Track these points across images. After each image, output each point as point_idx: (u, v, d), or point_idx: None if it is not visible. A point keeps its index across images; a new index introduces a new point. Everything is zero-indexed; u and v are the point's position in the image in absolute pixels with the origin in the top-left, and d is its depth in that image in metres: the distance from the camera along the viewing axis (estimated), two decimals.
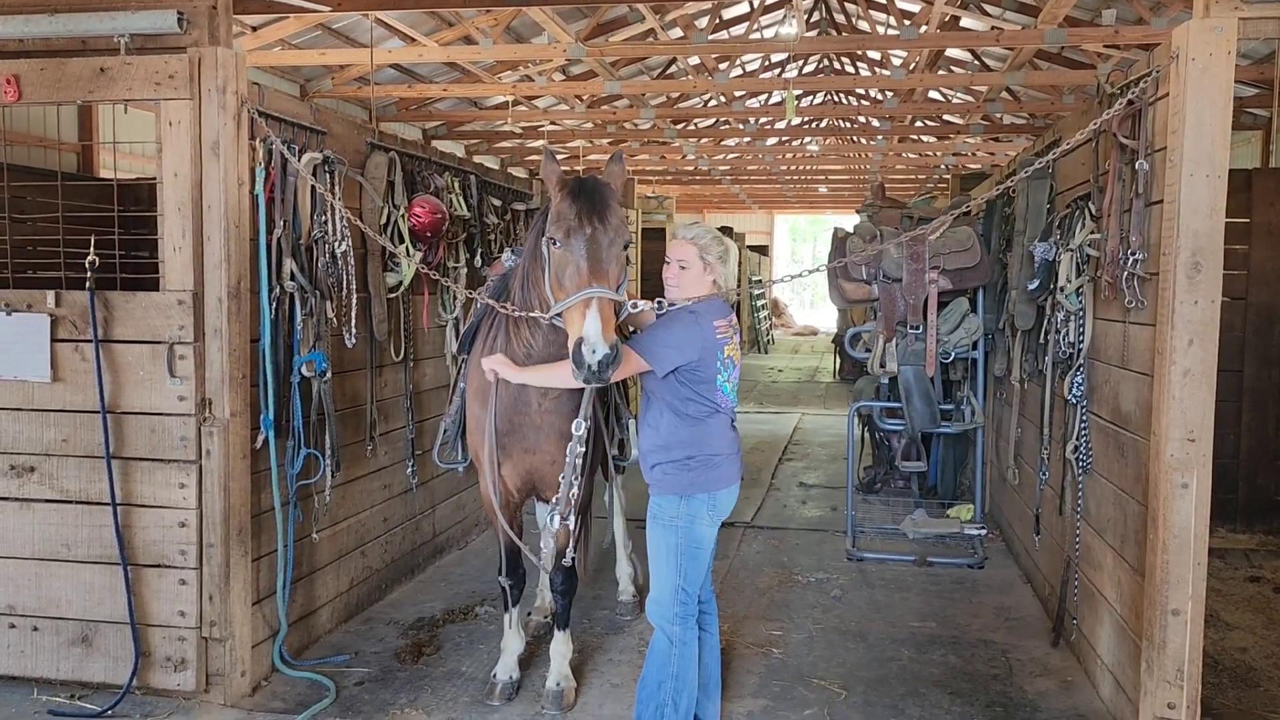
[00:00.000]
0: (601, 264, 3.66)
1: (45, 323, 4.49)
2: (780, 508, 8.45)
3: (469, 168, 6.81)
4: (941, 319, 6.74)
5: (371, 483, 5.81)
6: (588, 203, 3.73)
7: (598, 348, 3.50)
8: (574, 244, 3.68)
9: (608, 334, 3.52)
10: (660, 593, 3.92)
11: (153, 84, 4.35)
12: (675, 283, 3.95)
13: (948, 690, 4.75)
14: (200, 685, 4.47)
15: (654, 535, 3.95)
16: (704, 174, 21.35)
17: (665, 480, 3.92)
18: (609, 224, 3.73)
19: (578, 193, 3.76)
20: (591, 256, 3.66)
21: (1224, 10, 3.72)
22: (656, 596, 3.93)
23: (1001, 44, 10.03)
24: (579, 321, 3.57)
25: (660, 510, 3.93)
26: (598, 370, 3.52)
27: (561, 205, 3.76)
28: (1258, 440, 7.19)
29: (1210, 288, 3.77)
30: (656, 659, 3.94)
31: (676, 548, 3.89)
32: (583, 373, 3.55)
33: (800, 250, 44.68)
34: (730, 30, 14.13)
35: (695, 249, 3.92)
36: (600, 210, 3.73)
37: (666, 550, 3.91)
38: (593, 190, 3.79)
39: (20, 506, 4.57)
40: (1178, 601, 3.82)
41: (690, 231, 3.99)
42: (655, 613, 3.94)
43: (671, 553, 3.89)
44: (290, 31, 10.18)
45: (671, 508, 3.90)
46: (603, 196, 3.78)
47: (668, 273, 3.97)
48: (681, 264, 3.92)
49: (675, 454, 3.90)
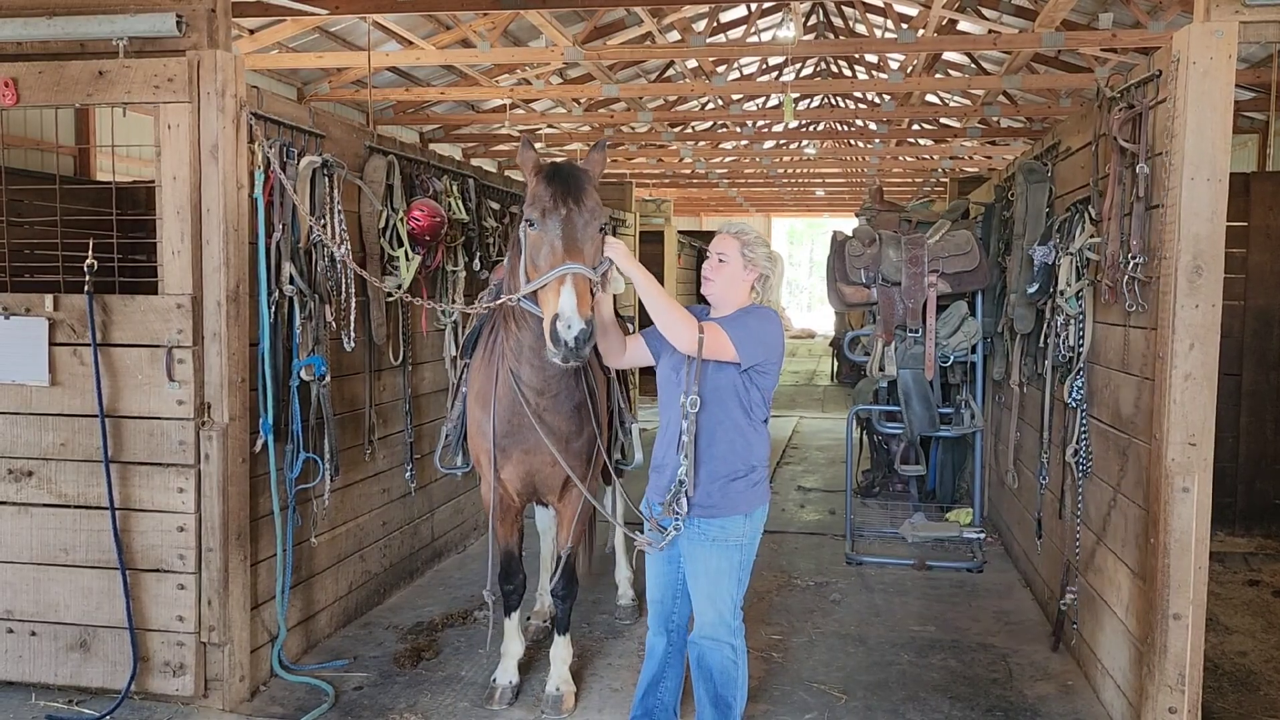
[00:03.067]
0: (577, 242, 3.56)
1: (43, 326, 4.47)
2: (779, 511, 8.44)
3: (468, 171, 6.80)
4: (940, 322, 6.74)
5: (370, 487, 5.80)
6: (563, 184, 3.64)
7: (573, 323, 3.37)
8: (549, 223, 3.58)
9: (583, 309, 3.40)
10: (722, 612, 3.75)
11: (151, 87, 4.34)
12: (713, 276, 3.79)
13: (948, 695, 4.74)
14: (199, 690, 4.45)
15: (711, 556, 3.72)
16: (701, 177, 21.37)
17: (732, 499, 3.70)
18: (584, 205, 3.63)
19: (553, 175, 3.68)
20: (567, 235, 3.55)
21: (1224, 14, 3.73)
22: (718, 618, 3.74)
23: (999, 47, 10.05)
24: (553, 299, 3.45)
25: (723, 532, 3.70)
26: (575, 347, 3.38)
27: (537, 188, 3.67)
28: (1256, 444, 7.20)
29: (1211, 291, 3.78)
30: (721, 676, 3.78)
31: (739, 564, 3.75)
32: (559, 351, 3.42)
33: (798, 253, 44.72)
34: (728, 33, 14.15)
35: (737, 243, 3.75)
36: (576, 191, 3.64)
37: (728, 569, 3.73)
38: (568, 173, 3.70)
39: (18, 511, 4.55)
40: (1179, 605, 3.81)
41: (734, 227, 3.83)
42: (718, 633, 3.76)
43: (734, 570, 3.74)
44: (288, 34, 10.18)
45: (737, 528, 3.71)
46: (578, 179, 3.69)
47: (707, 267, 3.82)
48: (721, 257, 3.76)
49: (739, 465, 3.72)
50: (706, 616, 3.78)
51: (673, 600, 3.97)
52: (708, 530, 3.72)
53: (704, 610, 3.78)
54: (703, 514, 3.71)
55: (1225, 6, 3.73)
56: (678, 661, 4.06)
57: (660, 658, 4.03)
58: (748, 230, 3.83)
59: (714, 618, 3.76)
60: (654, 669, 4.05)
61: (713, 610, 3.76)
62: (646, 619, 3.96)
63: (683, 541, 3.78)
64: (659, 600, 4.00)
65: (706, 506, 3.70)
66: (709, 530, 3.71)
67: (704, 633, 3.80)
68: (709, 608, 3.77)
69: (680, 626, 4.01)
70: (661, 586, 3.97)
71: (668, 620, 4.00)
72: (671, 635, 4.01)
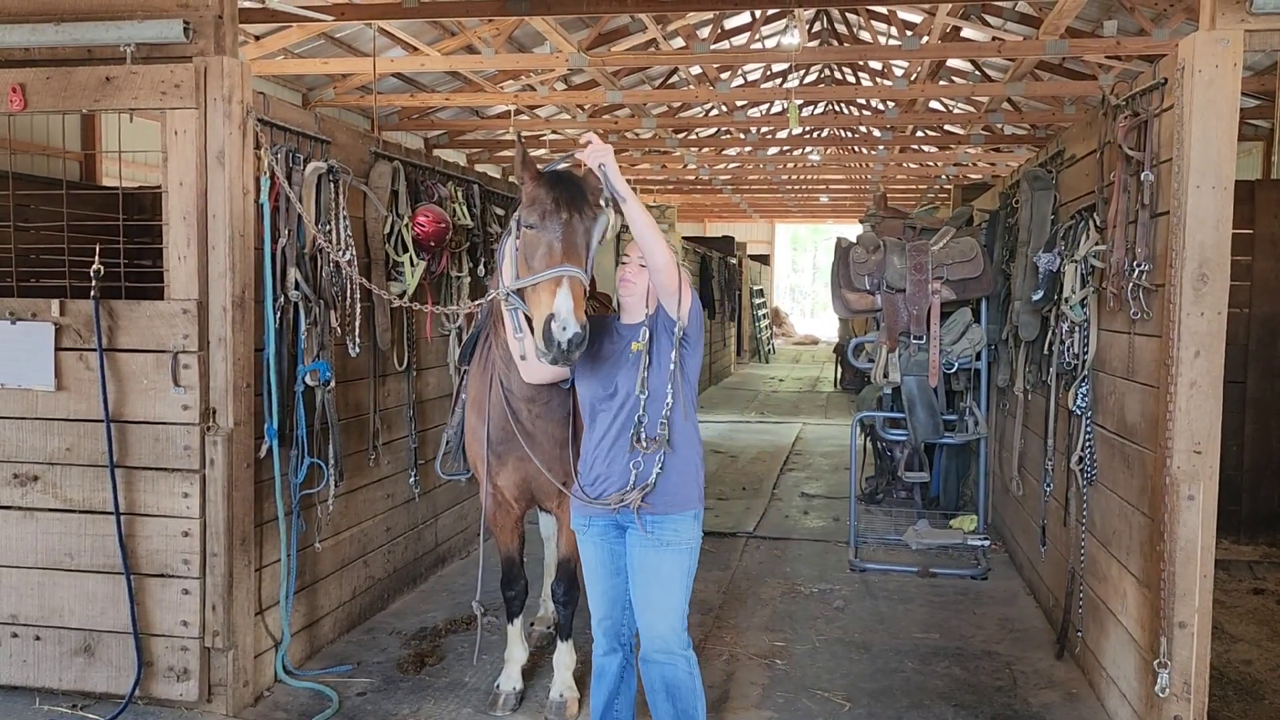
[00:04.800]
0: (576, 246, 3.51)
1: (50, 331, 4.48)
2: (782, 518, 8.44)
3: (473, 177, 6.82)
4: (945, 329, 6.74)
5: (374, 492, 5.80)
6: (564, 188, 3.59)
7: (568, 324, 3.33)
8: (548, 225, 3.52)
9: (579, 313, 3.36)
10: (675, 622, 3.65)
11: (158, 93, 4.36)
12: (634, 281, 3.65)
13: (952, 702, 4.73)
14: (203, 695, 4.46)
15: (664, 562, 3.63)
16: (705, 183, 21.41)
17: (684, 492, 3.65)
18: (584, 212, 3.57)
19: (555, 180, 3.62)
20: (566, 238, 3.50)
21: (1230, 22, 3.73)
22: (672, 626, 3.64)
23: (1003, 55, 10.08)
24: (548, 299, 3.39)
25: (676, 535, 3.63)
26: (567, 349, 3.34)
27: (537, 191, 3.59)
28: (1261, 452, 7.18)
29: (1216, 299, 3.77)
30: (683, 693, 3.66)
31: (688, 570, 3.68)
32: (550, 353, 3.37)
33: (801, 259, 44.75)
34: (732, 40, 14.18)
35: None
36: (576, 194, 3.58)
37: (681, 574, 3.65)
38: (568, 178, 3.64)
39: (24, 515, 4.55)
40: (1184, 614, 3.80)
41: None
42: (672, 644, 3.65)
43: (685, 576, 3.66)
44: (293, 40, 10.22)
45: (688, 528, 3.66)
46: (577, 182, 3.62)
47: (627, 272, 3.66)
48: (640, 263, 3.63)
49: (693, 459, 3.70)
50: (658, 630, 3.66)
51: (621, 613, 3.85)
52: (660, 534, 3.62)
53: (655, 624, 3.66)
54: (662, 510, 3.62)
55: (1231, 15, 3.73)
56: (631, 676, 3.95)
57: (615, 676, 3.90)
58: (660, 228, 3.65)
59: (665, 630, 3.65)
60: (609, 689, 3.91)
61: (664, 623, 3.65)
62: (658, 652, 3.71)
63: (632, 550, 3.69)
64: (606, 616, 3.86)
65: (659, 505, 3.61)
66: (661, 533, 3.62)
67: (658, 647, 3.67)
68: (660, 620, 3.65)
69: (630, 641, 3.92)
70: (609, 601, 3.83)
71: (618, 635, 3.89)
72: (625, 651, 3.92)
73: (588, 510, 3.77)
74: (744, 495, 9.21)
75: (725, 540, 7.58)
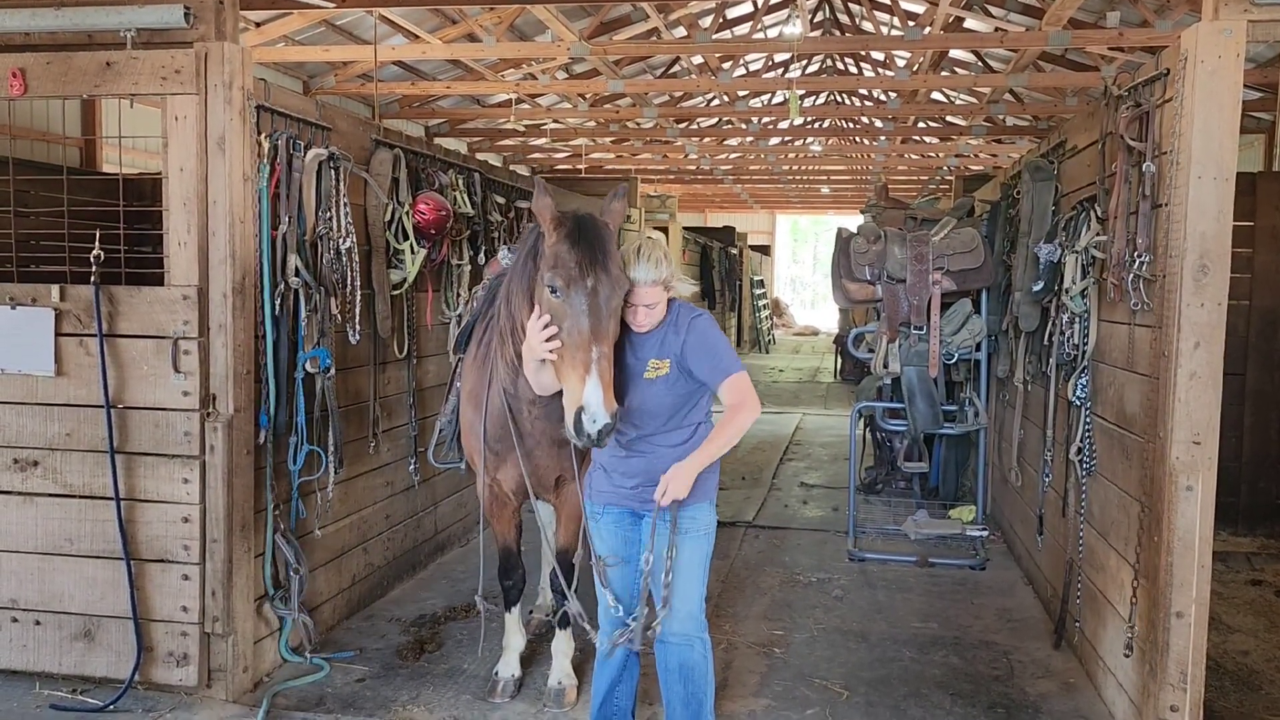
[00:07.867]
0: (602, 323, 3.44)
1: (50, 317, 4.48)
2: (781, 508, 8.45)
3: (473, 165, 6.81)
4: (945, 320, 6.73)
5: (374, 479, 5.81)
6: (589, 250, 3.48)
7: (598, 417, 3.35)
8: (574, 297, 3.44)
9: (609, 402, 3.37)
10: (694, 607, 3.74)
11: (159, 79, 4.35)
12: (645, 322, 3.64)
13: (949, 691, 4.75)
14: (202, 680, 4.47)
15: (691, 549, 3.72)
16: (706, 173, 21.36)
17: (706, 484, 3.73)
18: (610, 273, 3.48)
19: (577, 237, 3.51)
20: (593, 314, 3.43)
21: (1233, 13, 3.72)
22: (691, 611, 3.73)
23: (1005, 46, 10.03)
24: (577, 386, 3.39)
25: (694, 522, 3.72)
26: (596, 439, 3.37)
27: (560, 248, 3.50)
28: (1260, 444, 7.18)
29: (1217, 291, 3.77)
30: (695, 675, 3.75)
31: (706, 555, 3.78)
32: (580, 440, 3.41)
33: (801, 250, 44.71)
34: (734, 30, 14.14)
35: (660, 288, 3.60)
36: (602, 258, 3.48)
37: (702, 559, 3.75)
38: (593, 235, 3.53)
39: (24, 500, 4.56)
40: (1181, 604, 3.81)
41: (649, 273, 3.56)
42: (690, 628, 3.74)
43: (706, 561, 3.77)
44: (294, 28, 10.19)
45: (706, 515, 3.76)
46: (604, 241, 3.53)
47: (637, 316, 3.62)
48: (649, 305, 3.61)
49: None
50: (685, 612, 3.73)
51: (630, 601, 3.85)
52: (679, 521, 3.67)
53: (675, 608, 3.71)
54: (687, 500, 3.64)
55: (1234, 5, 3.72)
56: (635, 664, 3.99)
57: (620, 663, 3.93)
58: (660, 264, 3.59)
59: (685, 615, 3.72)
60: (612, 675, 3.94)
61: (684, 608, 3.72)
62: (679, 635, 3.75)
63: (647, 539, 3.71)
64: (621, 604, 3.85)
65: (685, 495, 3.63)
66: (680, 521, 3.67)
67: (676, 630, 3.73)
68: (680, 605, 3.71)
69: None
70: (619, 588, 3.84)
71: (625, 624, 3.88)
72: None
73: (602, 499, 3.84)
74: (743, 485, 9.22)
75: (724, 529, 7.56)
